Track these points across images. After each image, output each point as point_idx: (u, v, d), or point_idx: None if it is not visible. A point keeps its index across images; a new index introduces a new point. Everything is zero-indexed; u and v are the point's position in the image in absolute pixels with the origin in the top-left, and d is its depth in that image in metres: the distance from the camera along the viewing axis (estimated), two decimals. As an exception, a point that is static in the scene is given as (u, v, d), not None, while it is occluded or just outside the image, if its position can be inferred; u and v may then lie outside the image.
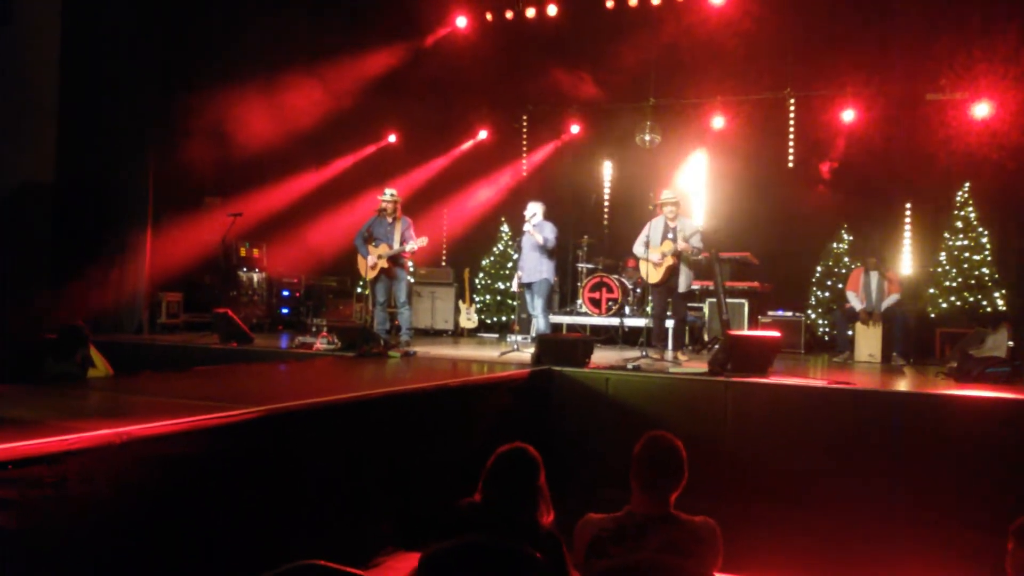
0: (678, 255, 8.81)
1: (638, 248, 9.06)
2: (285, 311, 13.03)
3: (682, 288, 8.94)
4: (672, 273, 8.89)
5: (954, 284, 10.26)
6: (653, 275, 8.96)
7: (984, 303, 10.07)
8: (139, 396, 5.29)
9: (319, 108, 12.26)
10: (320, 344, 8.93)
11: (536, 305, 9.76)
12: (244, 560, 3.79)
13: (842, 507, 6.13)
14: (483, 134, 13.79)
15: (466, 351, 10.02)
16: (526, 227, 9.67)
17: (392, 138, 14.21)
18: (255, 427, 4.16)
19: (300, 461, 4.49)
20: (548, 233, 9.64)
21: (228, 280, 12.12)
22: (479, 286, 12.92)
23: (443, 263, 13.74)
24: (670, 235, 8.91)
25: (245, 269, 12.51)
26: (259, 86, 11.48)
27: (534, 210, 9.75)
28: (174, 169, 11.14)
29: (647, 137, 12.30)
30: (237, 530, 3.96)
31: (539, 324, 9.74)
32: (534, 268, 9.73)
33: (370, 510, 4.96)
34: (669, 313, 9.22)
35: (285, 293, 13.08)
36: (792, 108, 11.66)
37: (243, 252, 12.56)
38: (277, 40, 11.93)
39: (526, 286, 9.90)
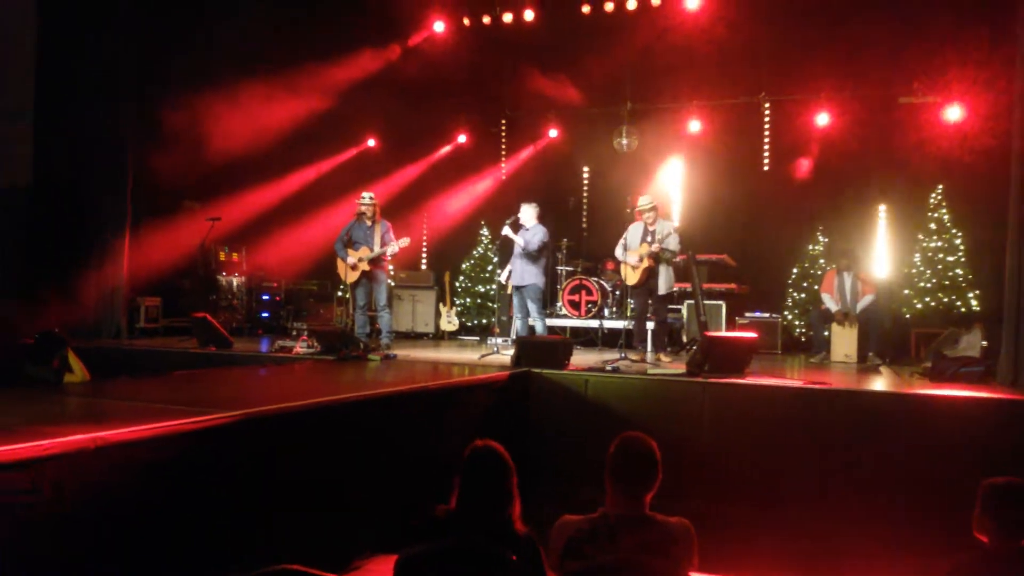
0: (654, 256, 8.90)
1: (618, 251, 9.15)
2: (265, 315, 12.96)
3: (662, 290, 9.03)
4: (650, 275, 9.00)
5: (928, 285, 10.35)
6: (631, 277, 9.13)
7: (958, 304, 10.16)
8: (115, 401, 5.29)
9: (298, 112, 12.21)
10: (300, 348, 8.93)
11: (531, 309, 9.69)
12: (221, 565, 3.79)
13: (818, 507, 6.19)
14: (462, 138, 13.79)
15: (446, 354, 10.03)
16: (508, 232, 9.57)
17: (371, 142, 14.18)
18: (233, 431, 4.15)
19: (278, 465, 4.48)
20: (538, 236, 9.51)
21: (207, 285, 12.06)
22: (459, 289, 12.92)
23: (423, 266, 13.74)
24: (648, 238, 9.00)
25: (224, 273, 12.45)
26: (238, 90, 11.40)
27: (529, 212, 9.61)
28: (152, 173, 11.06)
29: (624, 141, 12.37)
30: (214, 535, 3.96)
31: (537, 327, 9.69)
32: (522, 272, 9.63)
33: (349, 514, 4.96)
34: (650, 315, 9.33)
35: (265, 297, 13.03)
36: (767, 112, 11.72)
37: (222, 256, 12.48)
38: (256, 44, 11.87)
39: (517, 289, 9.81)
